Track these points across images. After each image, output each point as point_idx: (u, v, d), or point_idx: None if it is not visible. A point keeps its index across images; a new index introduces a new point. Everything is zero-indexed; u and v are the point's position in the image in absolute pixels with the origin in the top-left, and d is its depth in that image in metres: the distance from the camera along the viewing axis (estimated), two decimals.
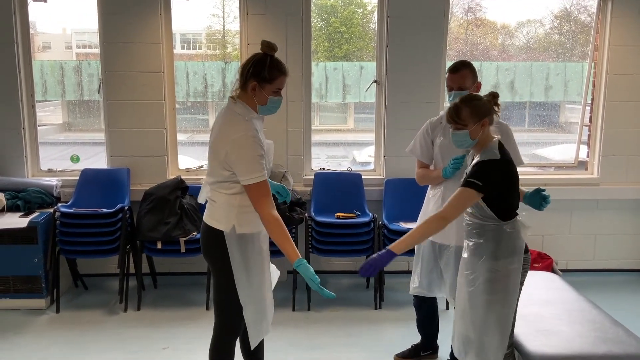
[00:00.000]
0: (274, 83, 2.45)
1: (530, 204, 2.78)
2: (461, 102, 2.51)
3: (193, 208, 4.38)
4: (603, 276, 5.00)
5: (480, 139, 2.51)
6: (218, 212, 2.53)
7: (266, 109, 2.52)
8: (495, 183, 2.44)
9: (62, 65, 5.35)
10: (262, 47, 2.46)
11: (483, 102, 2.51)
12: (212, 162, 2.52)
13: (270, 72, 2.43)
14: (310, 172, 4.88)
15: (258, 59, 2.44)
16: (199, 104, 5.69)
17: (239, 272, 2.51)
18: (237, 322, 2.61)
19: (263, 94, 2.46)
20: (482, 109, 2.49)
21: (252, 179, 2.39)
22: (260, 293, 2.60)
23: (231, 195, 2.49)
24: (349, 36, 5.66)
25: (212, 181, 2.54)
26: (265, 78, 2.42)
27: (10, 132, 4.64)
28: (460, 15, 5.50)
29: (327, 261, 4.86)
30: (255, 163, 2.39)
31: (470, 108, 2.48)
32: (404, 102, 4.71)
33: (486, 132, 2.51)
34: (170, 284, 4.75)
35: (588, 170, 5.05)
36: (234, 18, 5.24)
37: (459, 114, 2.49)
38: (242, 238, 2.51)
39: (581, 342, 2.70)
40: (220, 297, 2.62)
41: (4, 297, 4.19)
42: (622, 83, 4.80)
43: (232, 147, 2.39)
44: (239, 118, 2.44)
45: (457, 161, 2.97)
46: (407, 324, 3.91)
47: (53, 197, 4.50)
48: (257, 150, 2.40)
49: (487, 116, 2.49)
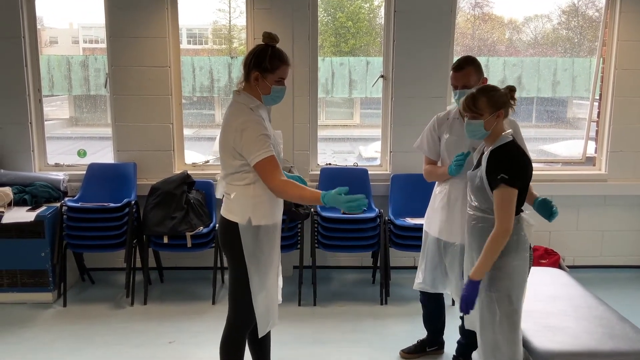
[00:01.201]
0: (275, 72, 2.51)
1: (539, 212, 2.75)
2: (479, 92, 2.50)
3: (199, 203, 4.39)
4: (610, 272, 4.98)
5: (494, 131, 2.50)
6: (234, 205, 2.57)
7: (270, 99, 2.57)
8: (515, 171, 2.42)
9: (69, 60, 5.36)
10: (263, 39, 2.52)
11: (500, 93, 2.50)
12: (223, 155, 2.57)
13: (272, 61, 2.48)
14: (317, 167, 4.88)
15: (260, 49, 2.51)
16: (205, 99, 5.69)
17: (251, 262, 2.55)
18: (251, 316, 2.63)
19: (266, 83, 2.51)
20: (500, 100, 2.48)
21: (259, 155, 2.42)
22: (268, 284, 2.64)
23: (245, 187, 2.53)
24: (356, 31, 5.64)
25: (225, 174, 2.59)
26: (266, 68, 2.48)
27: (18, 126, 4.65)
28: (467, 10, 5.47)
29: (333, 256, 4.85)
30: (260, 141, 2.43)
31: (488, 98, 2.47)
32: (410, 98, 4.69)
33: (500, 124, 2.50)
34: (177, 278, 4.76)
35: (596, 166, 5.02)
36: (240, 13, 5.23)
37: (476, 102, 2.48)
38: (257, 230, 2.55)
39: (588, 339, 2.68)
40: (236, 289, 2.65)
41: (11, 290, 4.21)
42: (630, 78, 4.77)
43: (237, 132, 2.45)
44: (242, 107, 2.50)
45: (459, 158, 2.95)
46: (413, 319, 3.91)
47: (60, 192, 4.51)
48: (260, 130, 2.45)
49: (502, 108, 2.48)
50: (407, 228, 4.30)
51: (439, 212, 3.13)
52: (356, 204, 2.32)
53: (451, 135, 3.08)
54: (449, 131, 3.11)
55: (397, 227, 4.32)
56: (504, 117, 2.51)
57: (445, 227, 3.08)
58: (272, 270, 2.66)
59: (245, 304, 2.61)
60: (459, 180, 3.01)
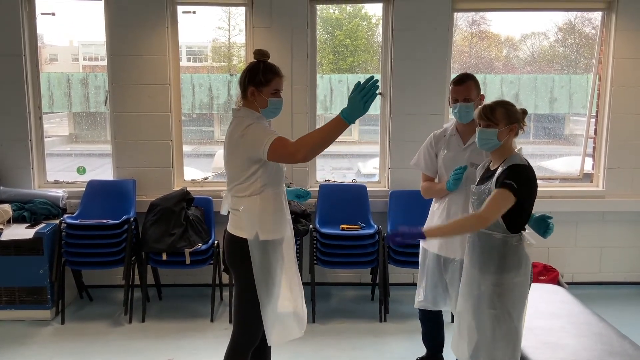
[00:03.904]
0: (270, 85, 2.57)
1: (534, 228, 2.72)
2: (496, 103, 2.56)
3: (198, 219, 4.39)
4: (609, 289, 4.97)
5: (504, 146, 2.54)
6: (241, 221, 2.58)
7: (269, 112, 2.62)
8: (526, 188, 2.45)
9: (69, 77, 5.39)
10: (254, 55, 2.60)
11: (516, 109, 2.57)
12: (229, 168, 2.61)
13: (265, 75, 2.56)
14: (315, 183, 4.89)
15: (252, 66, 2.59)
16: (205, 116, 5.72)
17: (259, 276, 2.56)
18: (256, 333, 2.63)
19: (262, 97, 2.58)
20: (516, 115, 2.55)
21: (268, 141, 2.44)
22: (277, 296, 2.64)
23: (251, 198, 2.55)
24: (354, 49, 5.68)
25: (231, 187, 2.61)
26: (260, 82, 2.56)
27: (17, 143, 4.67)
28: (464, 27, 5.52)
29: (332, 273, 4.84)
30: (264, 132, 2.48)
31: (505, 109, 2.53)
32: (408, 115, 4.72)
33: (510, 140, 2.56)
34: (175, 295, 4.75)
35: (593, 182, 5.04)
36: (239, 31, 5.28)
37: (494, 112, 2.53)
38: (265, 244, 2.57)
39: (587, 356, 2.68)
40: (241, 306, 2.65)
41: (9, 308, 4.20)
42: (627, 95, 4.80)
43: (243, 138, 2.50)
44: (243, 120, 2.56)
45: (458, 173, 2.96)
46: (412, 336, 3.90)
47: (59, 209, 4.51)
48: (262, 127, 2.51)
49: (516, 123, 2.54)
50: (406, 244, 4.29)
51: None
52: (370, 86, 2.25)
53: (449, 151, 3.11)
54: (446, 147, 3.14)
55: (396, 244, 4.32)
56: (515, 135, 2.56)
57: (444, 243, 3.08)
58: (283, 284, 2.66)
59: (251, 321, 2.61)
60: (458, 195, 3.04)
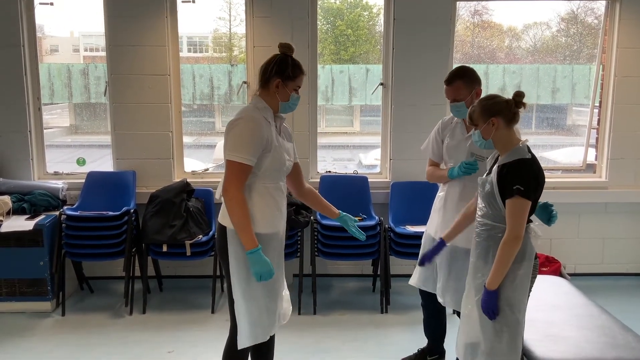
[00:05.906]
0: (296, 81, 2.57)
1: (538, 217, 2.73)
2: (477, 103, 2.54)
3: (199, 211, 4.37)
4: (612, 280, 4.96)
5: (501, 140, 2.49)
6: (225, 209, 2.52)
7: (287, 106, 2.62)
8: (533, 183, 2.40)
9: (69, 68, 5.37)
10: (280, 49, 2.57)
11: (494, 101, 2.49)
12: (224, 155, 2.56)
13: (294, 70, 2.55)
14: (316, 175, 4.87)
15: (281, 58, 2.56)
16: (205, 107, 5.70)
17: (234, 267, 2.50)
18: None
19: (286, 90, 2.56)
20: (491, 109, 2.47)
21: (235, 156, 2.39)
22: (257, 294, 2.54)
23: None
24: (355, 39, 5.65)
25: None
26: (289, 76, 2.54)
27: (17, 134, 4.65)
28: (466, 17, 5.48)
29: (333, 264, 4.83)
30: (245, 144, 2.40)
31: (481, 107, 2.49)
32: (410, 105, 4.69)
33: (504, 132, 2.48)
34: (176, 287, 4.74)
35: (596, 173, 5.01)
36: (240, 21, 5.25)
37: (472, 114, 2.52)
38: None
39: (590, 348, 2.66)
40: (231, 298, 2.59)
41: (9, 299, 4.19)
42: (630, 85, 4.76)
43: (229, 127, 2.47)
44: (249, 107, 2.54)
45: (468, 167, 2.99)
46: (414, 327, 3.89)
47: (59, 200, 4.50)
48: (251, 132, 2.42)
49: (495, 115, 2.45)
50: (407, 236, 4.28)
51: (437, 214, 3.23)
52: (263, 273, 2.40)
53: (452, 139, 3.17)
54: (450, 136, 3.19)
55: (397, 235, 4.31)
56: (508, 125, 2.47)
57: (440, 229, 3.13)
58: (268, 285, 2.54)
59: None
60: (457, 184, 3.10)
